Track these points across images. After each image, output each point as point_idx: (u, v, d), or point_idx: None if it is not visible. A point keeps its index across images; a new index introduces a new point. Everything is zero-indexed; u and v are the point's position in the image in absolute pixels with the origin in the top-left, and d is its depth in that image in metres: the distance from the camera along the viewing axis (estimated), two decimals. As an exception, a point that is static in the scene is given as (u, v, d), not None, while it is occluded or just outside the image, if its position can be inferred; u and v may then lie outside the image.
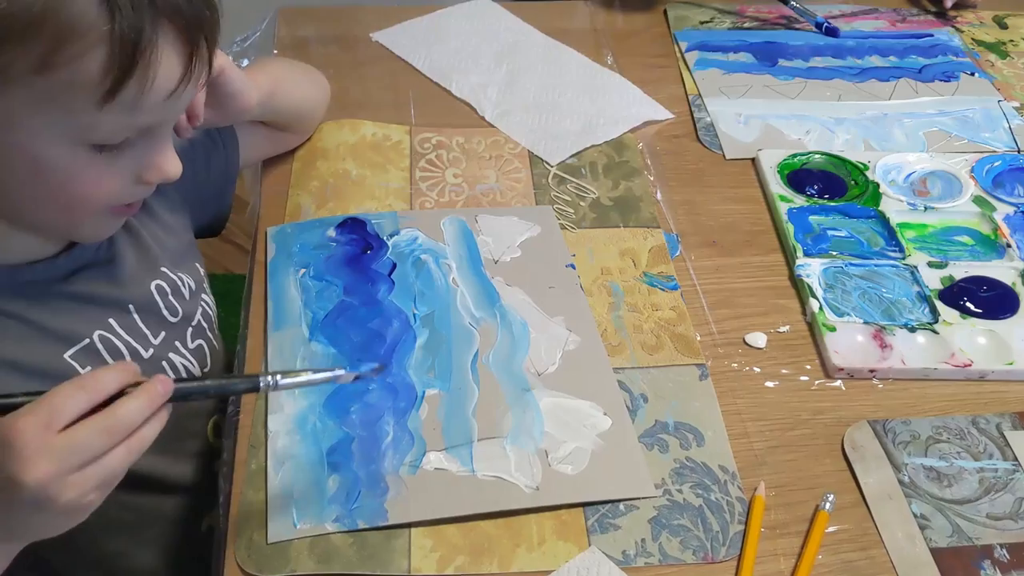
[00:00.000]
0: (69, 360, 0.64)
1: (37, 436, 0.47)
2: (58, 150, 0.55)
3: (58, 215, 0.60)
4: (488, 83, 1.05)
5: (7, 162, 0.55)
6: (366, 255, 0.82)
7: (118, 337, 0.68)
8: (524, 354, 0.75)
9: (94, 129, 0.55)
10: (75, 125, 0.54)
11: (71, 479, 0.48)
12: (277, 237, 0.84)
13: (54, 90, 0.52)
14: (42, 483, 0.47)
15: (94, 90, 0.52)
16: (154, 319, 0.71)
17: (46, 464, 0.47)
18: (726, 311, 0.81)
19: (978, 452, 0.70)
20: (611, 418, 0.70)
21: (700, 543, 0.64)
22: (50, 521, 0.50)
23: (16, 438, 0.47)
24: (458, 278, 0.81)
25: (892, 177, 0.94)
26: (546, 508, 0.65)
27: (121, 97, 0.53)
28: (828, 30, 1.16)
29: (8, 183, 0.57)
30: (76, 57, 0.51)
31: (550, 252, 0.84)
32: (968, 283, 0.82)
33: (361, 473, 0.66)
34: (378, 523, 0.63)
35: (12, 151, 0.55)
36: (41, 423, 0.47)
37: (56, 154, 0.55)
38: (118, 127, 0.55)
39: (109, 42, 0.51)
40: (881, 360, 0.75)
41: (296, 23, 1.15)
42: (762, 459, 0.69)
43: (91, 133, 0.55)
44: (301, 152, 0.95)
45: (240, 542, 0.62)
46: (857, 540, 0.65)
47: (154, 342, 0.71)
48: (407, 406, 0.70)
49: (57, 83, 0.51)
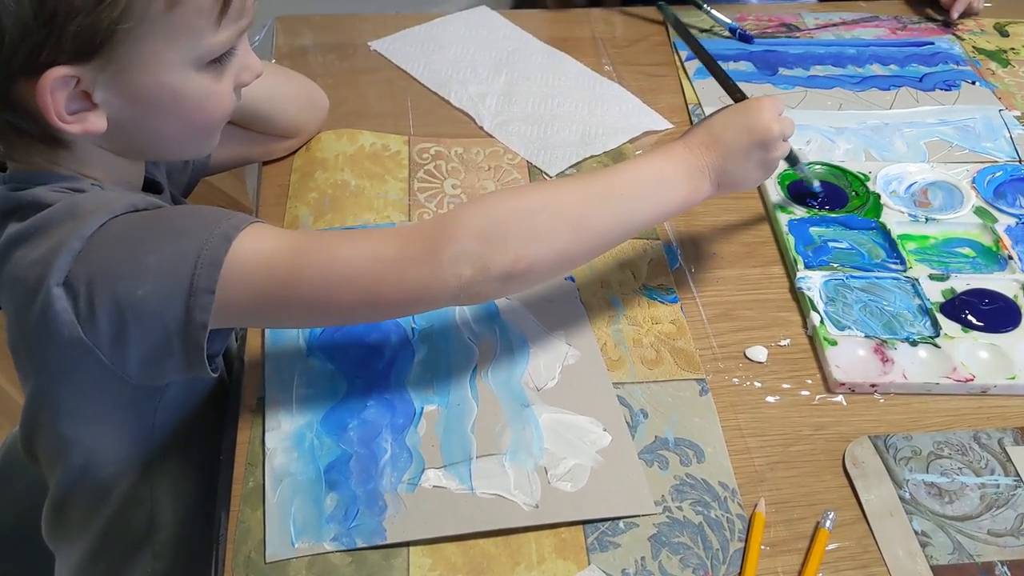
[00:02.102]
0: None
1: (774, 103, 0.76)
2: (191, 76, 0.61)
3: (195, 137, 0.68)
4: (487, 92, 1.05)
5: (150, 102, 0.61)
6: None
7: None
8: (523, 369, 0.74)
9: (213, 48, 0.61)
10: (201, 48, 0.60)
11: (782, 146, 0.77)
12: None
13: (183, 20, 0.58)
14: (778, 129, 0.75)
15: (212, 10, 0.59)
16: None
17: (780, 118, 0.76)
18: (726, 324, 0.80)
19: (980, 468, 0.70)
20: (611, 434, 0.70)
21: (700, 561, 0.63)
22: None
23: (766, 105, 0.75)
24: None
25: (893, 188, 0.94)
26: (546, 526, 0.64)
27: (232, 7, 0.60)
28: (742, 36, 1.16)
29: (151, 123, 0.63)
30: None
31: None
32: (970, 296, 0.82)
33: (359, 491, 0.65)
34: (376, 542, 0.62)
35: (154, 90, 0.61)
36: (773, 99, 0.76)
37: (190, 81, 0.62)
38: (230, 36, 0.62)
39: None
40: (882, 375, 0.75)
41: (294, 32, 1.14)
42: (762, 475, 0.69)
43: (212, 51, 0.61)
44: (299, 163, 0.95)
45: (238, 560, 0.62)
46: (858, 558, 0.64)
47: None
48: (405, 423, 0.70)
49: (185, 13, 0.58)
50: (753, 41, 1.16)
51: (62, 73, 0.56)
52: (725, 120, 0.74)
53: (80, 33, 0.55)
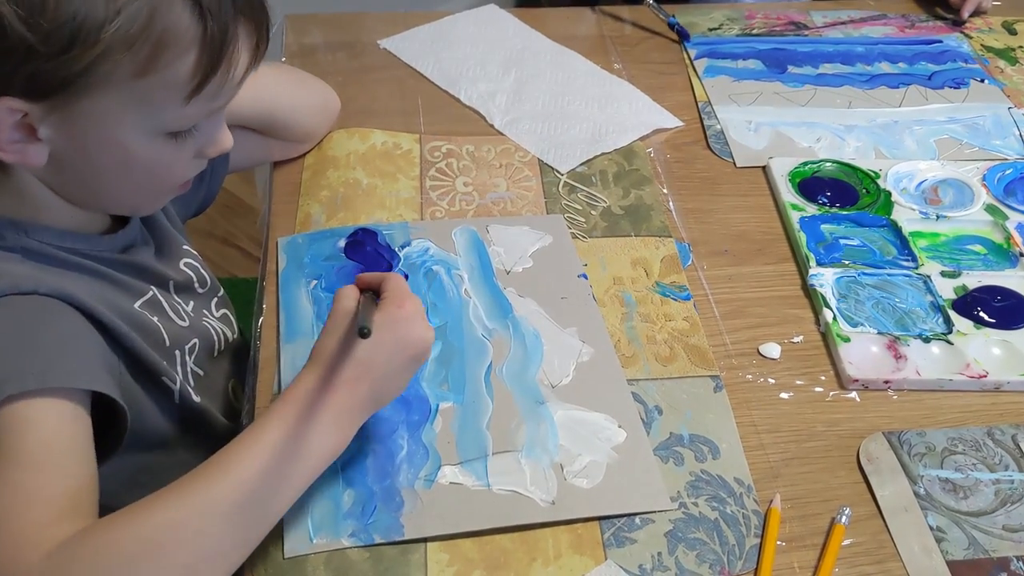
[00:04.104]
0: (139, 309, 0.68)
1: (418, 307, 0.62)
2: (145, 141, 0.59)
3: (137, 197, 0.66)
4: (496, 91, 1.05)
5: (97, 154, 0.59)
6: (377, 267, 0.82)
7: (167, 301, 0.72)
8: (538, 366, 0.74)
9: (177, 121, 0.59)
10: (163, 119, 0.59)
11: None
12: (288, 248, 0.84)
13: (148, 90, 0.56)
14: (431, 336, 0.62)
15: (184, 88, 0.57)
16: (187, 293, 0.76)
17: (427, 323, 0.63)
18: (739, 321, 0.80)
19: (994, 464, 0.70)
20: (626, 431, 0.70)
21: (717, 556, 0.64)
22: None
23: (412, 314, 0.61)
24: (470, 289, 0.80)
25: (904, 185, 0.94)
26: (562, 522, 0.64)
27: (206, 91, 0.57)
28: (680, 32, 1.16)
29: (93, 173, 0.61)
30: (172, 61, 0.55)
31: (562, 262, 0.84)
32: (982, 293, 0.82)
33: (376, 487, 0.65)
34: (394, 538, 0.63)
35: (103, 145, 0.59)
36: (414, 300, 0.62)
37: (143, 145, 0.59)
38: (197, 115, 0.60)
39: (200, 44, 0.56)
40: (896, 371, 0.75)
41: (303, 30, 1.14)
42: (777, 471, 0.69)
43: (175, 125, 0.60)
44: (311, 161, 0.95)
45: (256, 556, 0.61)
46: (873, 553, 0.65)
47: (191, 312, 0.75)
48: (421, 419, 0.70)
49: (152, 85, 0.56)
50: (690, 39, 1.15)
51: (8, 105, 0.54)
52: (369, 343, 0.59)
53: (36, 75, 0.53)
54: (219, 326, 0.79)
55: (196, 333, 0.75)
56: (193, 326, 0.75)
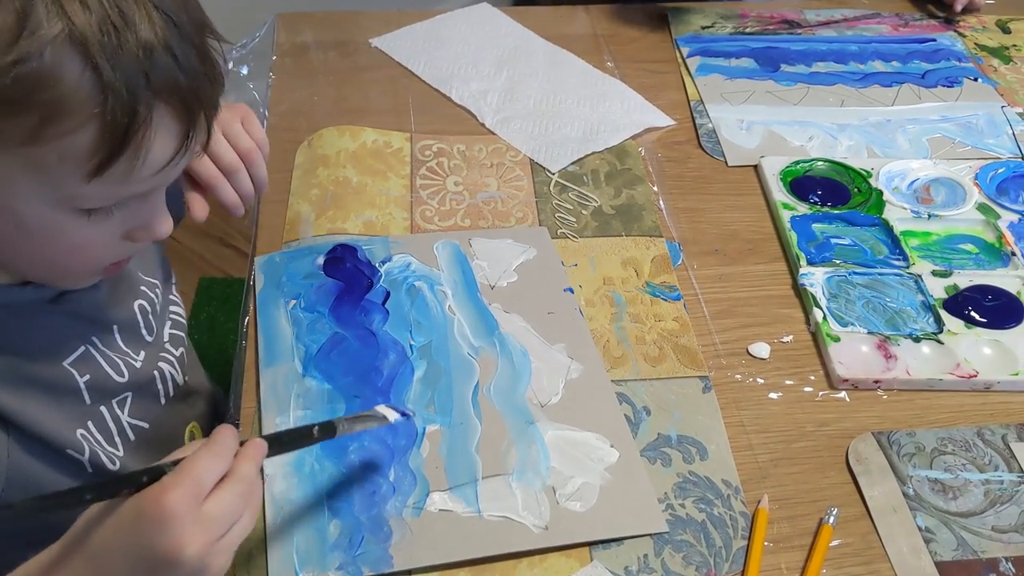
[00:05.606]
0: (68, 367, 0.64)
1: (191, 509, 0.48)
2: (43, 212, 0.53)
3: (52, 271, 0.60)
4: (488, 89, 1.05)
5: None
6: (358, 284, 0.79)
7: (111, 348, 0.68)
8: (526, 384, 0.73)
9: (81, 198, 0.53)
10: (61, 193, 0.53)
11: (220, 545, 0.50)
12: (265, 267, 0.81)
13: (42, 161, 0.50)
14: (200, 554, 0.48)
15: (82, 165, 0.50)
16: (134, 339, 0.71)
17: (203, 535, 0.48)
18: (729, 321, 0.80)
19: (983, 464, 0.70)
20: (618, 450, 0.69)
21: (703, 558, 0.63)
22: None
23: (171, 513, 0.47)
24: (454, 305, 0.78)
25: (896, 184, 0.94)
26: (557, 548, 0.63)
27: (110, 172, 0.51)
28: None
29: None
30: (66, 133, 0.49)
31: (547, 276, 0.82)
32: (973, 292, 0.81)
33: (363, 517, 0.63)
34: (383, 570, 0.60)
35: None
36: (190, 495, 0.48)
37: (41, 215, 0.53)
38: (107, 196, 0.54)
39: (100, 122, 0.49)
40: (886, 371, 0.75)
41: (295, 28, 1.14)
42: (765, 472, 0.69)
43: (77, 201, 0.54)
44: (301, 159, 0.94)
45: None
46: (861, 554, 0.64)
47: (138, 359, 0.71)
48: (408, 444, 0.68)
49: (45, 155, 0.50)
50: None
51: None
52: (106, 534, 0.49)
53: None
54: (171, 370, 0.75)
55: (135, 385, 0.69)
56: (133, 378, 0.70)
